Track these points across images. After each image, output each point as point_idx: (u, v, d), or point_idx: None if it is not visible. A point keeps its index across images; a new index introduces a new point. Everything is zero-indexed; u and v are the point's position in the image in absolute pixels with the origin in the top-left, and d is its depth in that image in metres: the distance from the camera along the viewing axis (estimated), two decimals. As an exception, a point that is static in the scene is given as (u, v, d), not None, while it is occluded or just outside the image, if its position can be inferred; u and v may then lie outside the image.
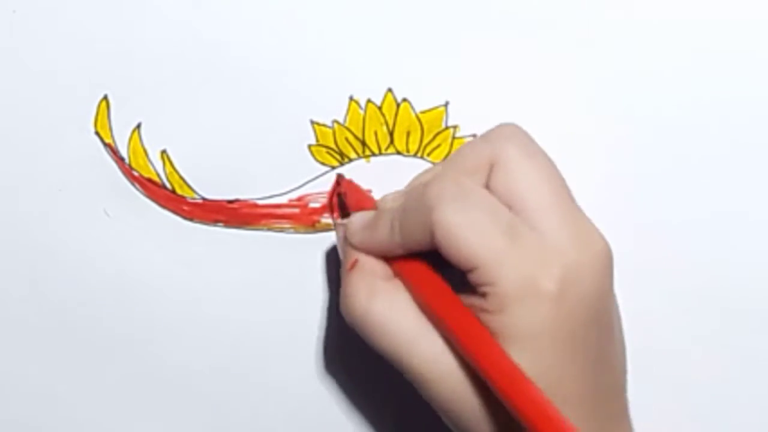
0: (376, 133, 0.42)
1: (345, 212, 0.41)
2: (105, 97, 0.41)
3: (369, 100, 0.41)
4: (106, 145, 0.42)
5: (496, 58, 0.40)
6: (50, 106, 0.41)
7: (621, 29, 0.40)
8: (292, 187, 0.42)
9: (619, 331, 0.38)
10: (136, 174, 0.42)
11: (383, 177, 0.42)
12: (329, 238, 0.43)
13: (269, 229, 0.43)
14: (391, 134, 0.41)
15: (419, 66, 0.41)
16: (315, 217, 0.43)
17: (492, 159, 0.36)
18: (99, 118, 0.42)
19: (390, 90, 0.41)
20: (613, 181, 0.42)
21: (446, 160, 0.38)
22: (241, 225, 0.43)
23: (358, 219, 0.38)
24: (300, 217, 0.42)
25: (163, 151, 0.42)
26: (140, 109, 0.41)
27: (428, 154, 0.42)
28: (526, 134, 0.37)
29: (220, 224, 0.43)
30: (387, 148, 0.42)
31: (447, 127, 0.41)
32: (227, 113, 0.41)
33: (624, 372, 0.38)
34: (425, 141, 0.41)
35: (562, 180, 0.36)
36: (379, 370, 0.44)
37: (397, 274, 0.37)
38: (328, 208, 0.42)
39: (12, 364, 0.45)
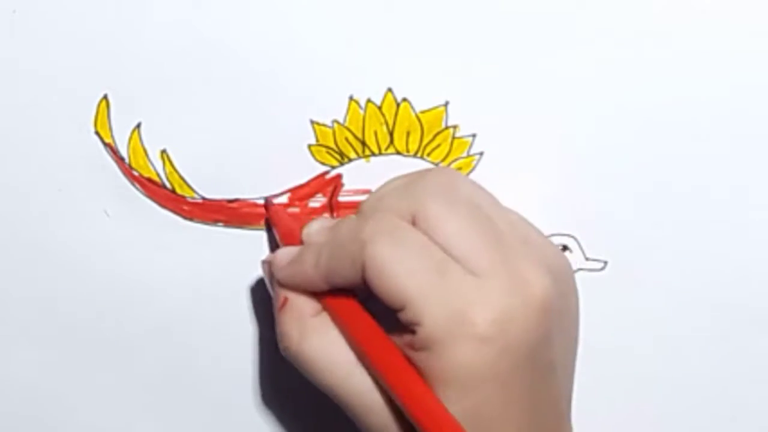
0: (376, 133, 0.42)
1: (274, 243, 0.41)
2: (105, 97, 0.41)
3: (369, 100, 0.41)
4: (106, 145, 0.42)
5: (496, 58, 0.40)
6: (50, 106, 0.41)
7: (622, 29, 0.40)
8: (292, 187, 0.42)
9: (566, 365, 0.37)
10: (136, 174, 0.42)
11: (383, 177, 0.42)
12: (329, 238, 0.43)
13: (269, 229, 0.43)
14: (391, 134, 0.41)
15: (419, 66, 0.41)
16: (315, 217, 0.43)
17: (413, 213, 0.35)
18: (99, 118, 0.42)
19: (390, 90, 0.41)
20: (614, 181, 0.42)
21: (368, 204, 0.37)
22: (241, 225, 0.43)
23: (283, 253, 0.38)
24: (300, 216, 0.42)
25: (163, 151, 0.42)
26: (140, 109, 0.41)
27: (428, 154, 0.42)
28: (447, 181, 0.36)
29: (220, 224, 0.43)
30: (387, 148, 0.42)
31: (447, 127, 0.41)
32: (227, 113, 0.41)
33: (568, 401, 0.37)
34: (425, 141, 0.41)
35: (491, 223, 0.35)
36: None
37: (325, 309, 0.37)
38: (328, 209, 0.42)
39: (11, 364, 0.45)
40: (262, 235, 0.43)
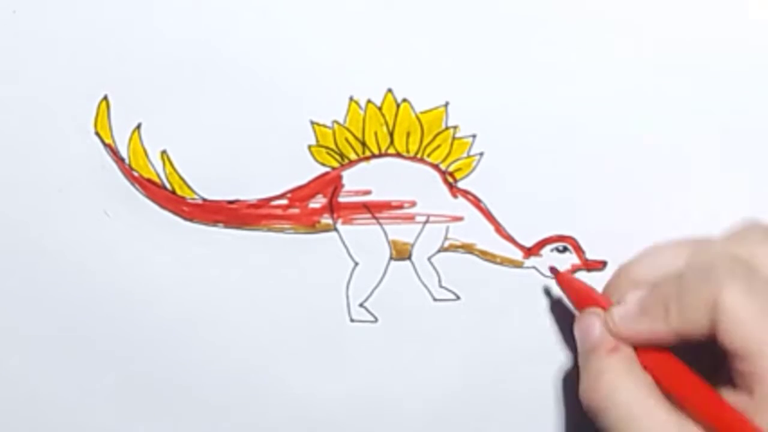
0: (376, 134, 0.42)
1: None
2: (105, 97, 0.41)
3: (369, 101, 0.41)
4: (106, 145, 0.42)
5: (496, 59, 0.40)
6: (50, 106, 0.41)
7: (623, 29, 0.40)
8: (292, 187, 0.42)
9: None
10: (136, 174, 0.42)
11: (383, 178, 0.42)
12: (329, 238, 0.43)
13: (269, 230, 0.43)
14: (391, 135, 0.42)
15: (419, 66, 0.41)
16: (315, 218, 0.43)
17: (713, 303, 0.35)
18: (99, 118, 0.42)
19: (390, 90, 0.41)
20: (616, 180, 0.42)
21: (706, 252, 0.37)
22: (241, 225, 0.43)
23: (622, 309, 0.37)
24: (300, 217, 0.43)
25: (163, 152, 0.42)
26: (140, 109, 0.41)
27: (428, 155, 0.42)
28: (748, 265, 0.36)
29: (220, 224, 0.43)
30: (387, 149, 0.42)
31: (447, 127, 0.41)
32: (227, 113, 0.41)
33: None
34: (425, 141, 0.41)
35: None
36: (387, 367, 0.44)
37: (645, 365, 0.36)
38: (328, 209, 0.42)
39: (11, 365, 0.45)
40: (261, 236, 0.43)
